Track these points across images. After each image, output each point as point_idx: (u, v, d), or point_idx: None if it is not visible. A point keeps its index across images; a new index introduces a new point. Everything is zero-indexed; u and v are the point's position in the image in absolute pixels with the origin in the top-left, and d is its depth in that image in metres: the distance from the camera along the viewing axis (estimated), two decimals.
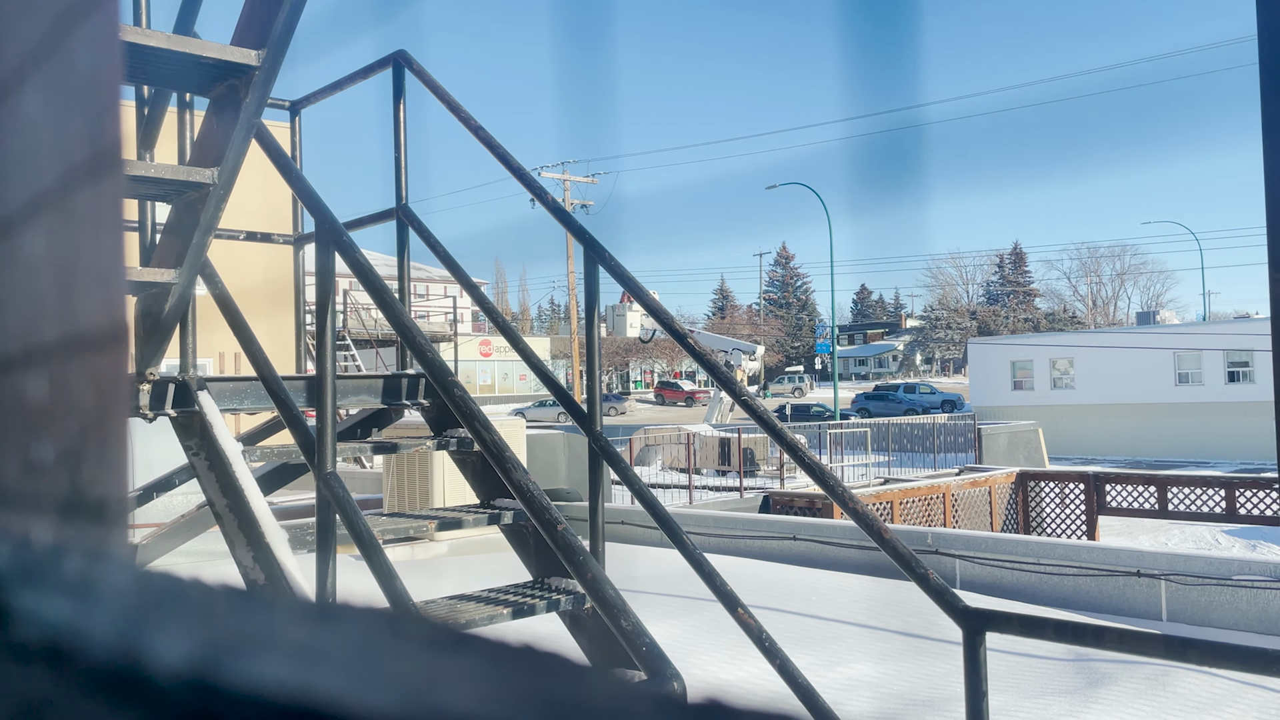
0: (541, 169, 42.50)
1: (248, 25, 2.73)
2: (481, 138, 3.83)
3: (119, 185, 0.44)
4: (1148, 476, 15.41)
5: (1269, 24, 2.30)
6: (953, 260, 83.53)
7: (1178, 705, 5.20)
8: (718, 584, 3.17)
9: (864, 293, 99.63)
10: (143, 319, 3.28)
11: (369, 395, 3.98)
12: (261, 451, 3.53)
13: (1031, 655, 5.95)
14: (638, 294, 3.60)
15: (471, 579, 6.68)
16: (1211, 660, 2.37)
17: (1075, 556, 8.15)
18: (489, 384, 61.26)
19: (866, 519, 2.86)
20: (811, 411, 40.71)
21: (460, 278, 4.07)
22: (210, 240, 3.08)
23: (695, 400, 57.36)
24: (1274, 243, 2.34)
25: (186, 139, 3.35)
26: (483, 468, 3.58)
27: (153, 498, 4.51)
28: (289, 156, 3.25)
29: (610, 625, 2.51)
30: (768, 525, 10.02)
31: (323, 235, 2.92)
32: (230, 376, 3.69)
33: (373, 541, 2.63)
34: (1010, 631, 2.68)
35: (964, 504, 15.95)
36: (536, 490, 2.56)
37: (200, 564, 6.78)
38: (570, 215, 3.83)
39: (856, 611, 7.09)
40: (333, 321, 2.89)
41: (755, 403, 3.36)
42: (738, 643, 3.96)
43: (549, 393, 3.89)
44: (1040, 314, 78.08)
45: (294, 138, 4.65)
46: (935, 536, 8.96)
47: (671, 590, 7.30)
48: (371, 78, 4.28)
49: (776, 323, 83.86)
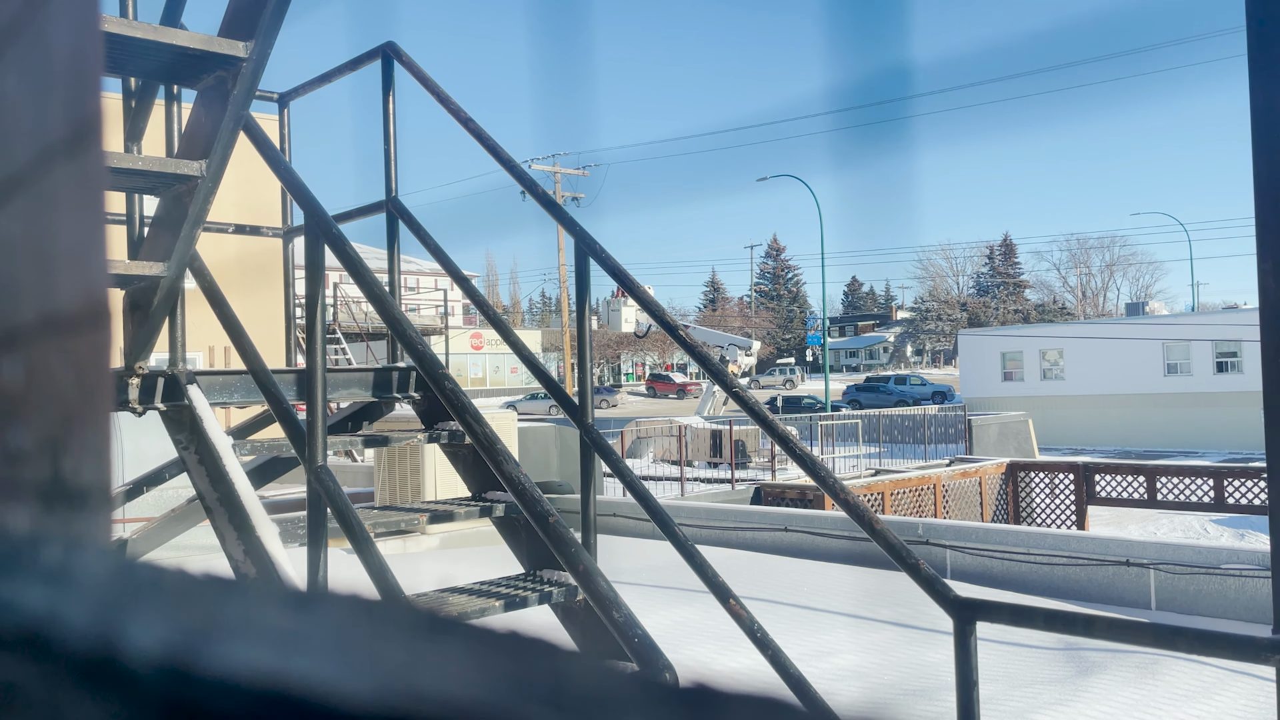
0: (532, 161, 42.37)
1: (235, 16, 2.72)
2: (471, 129, 3.81)
3: (100, 175, 0.44)
4: (1137, 466, 15.49)
5: (1258, 17, 2.30)
6: (943, 252, 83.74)
7: (1167, 693, 5.24)
8: (709, 575, 3.17)
9: (855, 284, 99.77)
10: (131, 312, 3.26)
11: (360, 388, 3.97)
12: (252, 445, 3.53)
13: (1022, 644, 5.98)
14: (629, 286, 3.60)
15: (464, 572, 6.68)
16: (1200, 649, 2.39)
17: (1065, 546, 8.19)
18: (480, 377, 61.20)
19: (857, 510, 2.87)
20: (803, 403, 40.78)
21: (450, 270, 4.05)
22: (199, 233, 3.06)
23: (687, 392, 57.39)
24: (1262, 234, 2.35)
25: (174, 131, 3.33)
26: (474, 460, 3.58)
27: (143, 491, 4.49)
28: (277, 149, 3.23)
29: (602, 617, 2.52)
30: (759, 517, 10.04)
31: (312, 228, 2.90)
32: (220, 370, 3.68)
33: (364, 535, 2.63)
34: (1000, 621, 2.69)
35: (954, 495, 16.01)
36: (528, 482, 2.56)
37: (191, 558, 6.76)
38: (561, 207, 3.82)
39: (848, 602, 7.12)
40: (323, 314, 2.88)
41: (746, 395, 3.37)
42: (730, 634, 3.96)
43: (540, 385, 3.88)
44: (1030, 305, 78.33)
45: (282, 130, 4.63)
46: (926, 527, 9.00)
47: (663, 582, 7.31)
48: (360, 70, 4.26)
49: (767, 314, 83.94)
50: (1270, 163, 2.30)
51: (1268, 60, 2.30)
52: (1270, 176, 2.30)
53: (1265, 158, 2.31)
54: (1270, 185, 2.30)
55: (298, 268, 4.49)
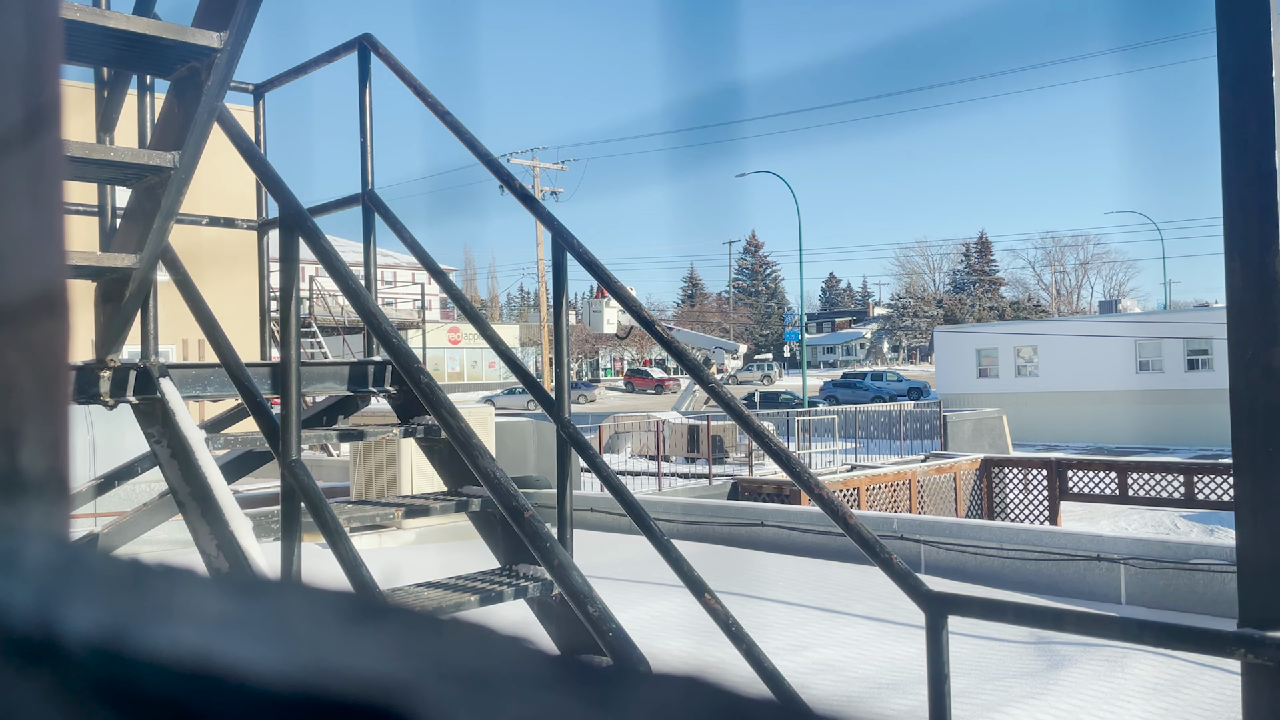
0: (510, 155, 42.20)
1: (210, 6, 2.69)
2: (448, 123, 3.79)
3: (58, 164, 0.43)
4: (1109, 463, 15.66)
5: (1228, 23, 2.33)
6: (920, 249, 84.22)
7: (1136, 687, 5.31)
8: (685, 570, 3.18)
9: (832, 281, 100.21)
10: (103, 305, 3.23)
11: (335, 382, 3.95)
12: (225, 439, 3.50)
13: (994, 638, 6.04)
14: (606, 281, 3.60)
15: (439, 567, 6.66)
16: (1166, 642, 2.43)
17: (1037, 541, 8.27)
18: (458, 371, 60.96)
19: (832, 505, 2.89)
20: (780, 399, 40.91)
21: (427, 264, 4.04)
22: (172, 225, 3.03)
23: (665, 388, 57.45)
24: (1230, 233, 2.38)
25: (147, 122, 3.30)
26: (450, 455, 3.57)
27: (114, 485, 4.45)
28: (252, 140, 3.21)
29: (577, 611, 2.52)
30: (736, 512, 10.08)
31: (287, 220, 2.88)
32: (194, 363, 3.65)
33: (338, 529, 2.62)
34: (972, 615, 2.72)
35: (930, 490, 16.13)
36: (504, 477, 2.56)
37: (163, 553, 6.70)
38: (538, 202, 3.81)
39: (823, 596, 7.16)
40: (297, 308, 2.86)
41: (723, 390, 3.38)
42: (705, 628, 3.98)
43: (518, 380, 3.88)
44: (1005, 302, 78.93)
45: (257, 121, 4.59)
46: (901, 522, 9.06)
47: (639, 577, 7.32)
48: (338, 61, 4.23)
49: (746, 310, 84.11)
50: (1239, 164, 2.34)
51: (1236, 64, 2.33)
52: (1238, 177, 2.34)
53: (1234, 158, 2.35)
54: (1238, 186, 2.34)
55: (272, 260, 4.46)
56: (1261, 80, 2.29)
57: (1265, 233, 2.29)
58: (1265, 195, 2.29)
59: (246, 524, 3.05)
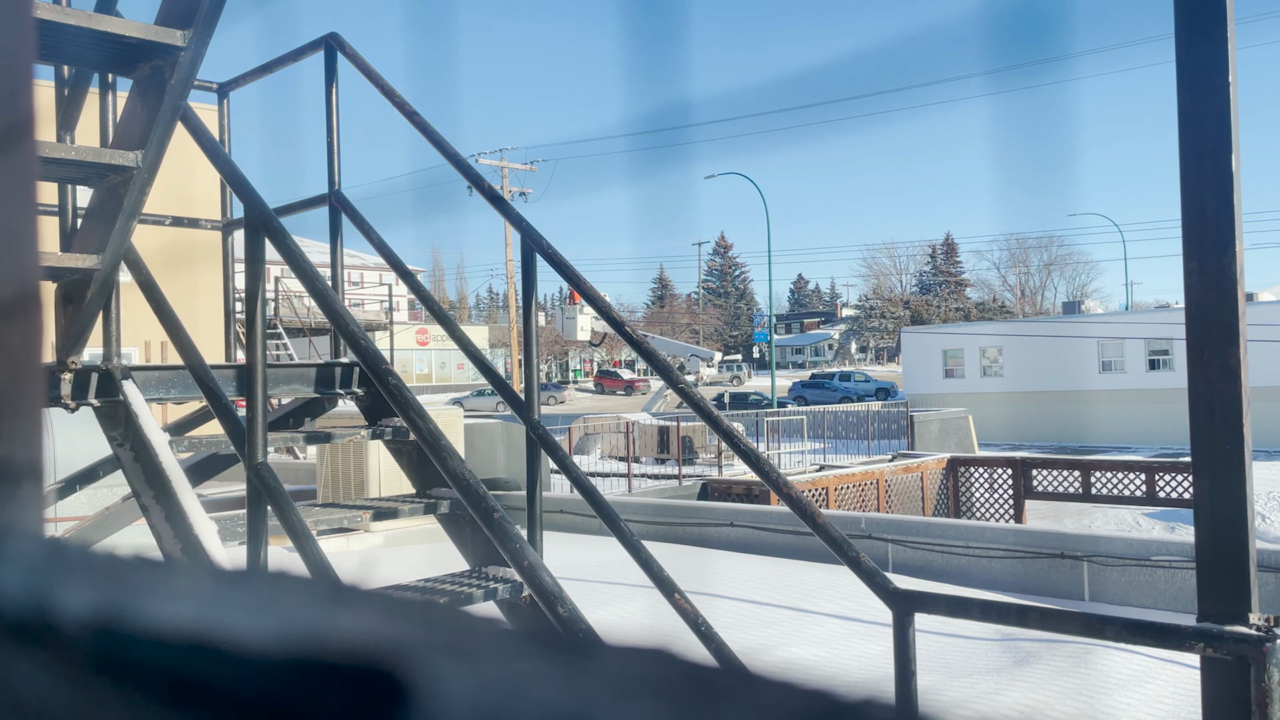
0: (479, 155, 42.04)
1: (173, 5, 2.66)
2: (416, 123, 3.78)
3: (32, 164, 0.43)
4: (1072, 461, 15.87)
5: (1186, 28, 2.38)
6: (887, 250, 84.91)
7: (1099, 682, 5.39)
8: (655, 571, 3.19)
9: (801, 282, 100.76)
10: (64, 306, 3.18)
11: (301, 384, 3.91)
12: (190, 442, 3.46)
13: (960, 635, 6.10)
14: (575, 282, 3.60)
15: (408, 570, 6.62)
16: (1127, 637, 2.47)
17: (1002, 539, 8.37)
18: (426, 373, 60.60)
19: (800, 504, 2.91)
20: (749, 399, 41.07)
21: (395, 264, 4.02)
22: (134, 225, 3.00)
23: (635, 389, 57.46)
24: (1188, 235, 2.43)
25: (109, 121, 3.25)
26: (418, 457, 3.55)
27: (76, 489, 4.38)
28: (217, 140, 3.18)
29: (547, 613, 2.52)
30: (705, 512, 10.11)
31: (252, 220, 2.86)
32: (157, 365, 3.60)
33: (305, 533, 2.60)
34: (938, 612, 2.75)
35: (897, 489, 16.26)
36: (473, 478, 2.55)
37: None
38: (507, 203, 3.80)
39: (792, 596, 7.20)
40: (263, 309, 2.84)
41: (693, 391, 3.39)
42: (674, 629, 3.99)
43: (487, 382, 3.87)
44: (971, 303, 79.80)
45: (222, 121, 4.54)
46: (869, 521, 9.13)
47: (609, 578, 7.32)
48: (303, 60, 4.19)
49: (715, 311, 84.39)
50: (1196, 167, 2.38)
51: (1194, 69, 2.37)
52: (1196, 180, 2.38)
53: (1191, 162, 2.39)
54: (1196, 189, 2.38)
55: (237, 261, 4.42)
56: (1219, 84, 2.33)
57: (1222, 235, 2.34)
58: (1222, 198, 2.34)
59: (212, 528, 3.02)
